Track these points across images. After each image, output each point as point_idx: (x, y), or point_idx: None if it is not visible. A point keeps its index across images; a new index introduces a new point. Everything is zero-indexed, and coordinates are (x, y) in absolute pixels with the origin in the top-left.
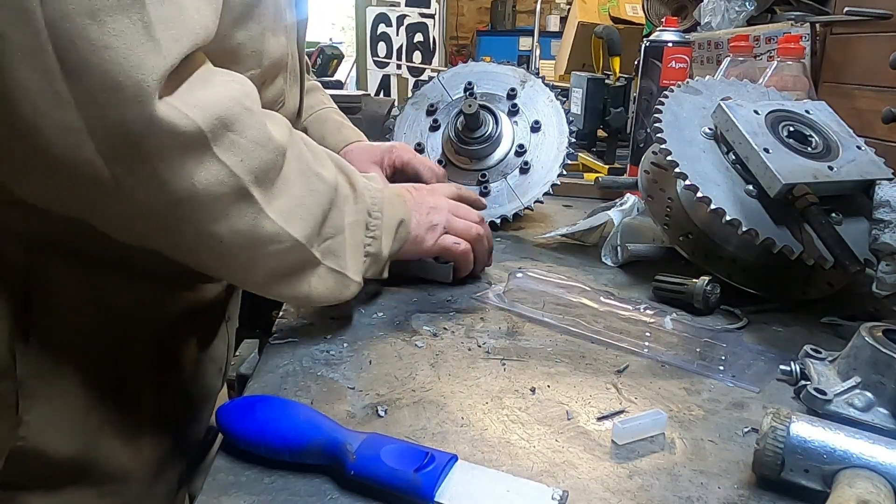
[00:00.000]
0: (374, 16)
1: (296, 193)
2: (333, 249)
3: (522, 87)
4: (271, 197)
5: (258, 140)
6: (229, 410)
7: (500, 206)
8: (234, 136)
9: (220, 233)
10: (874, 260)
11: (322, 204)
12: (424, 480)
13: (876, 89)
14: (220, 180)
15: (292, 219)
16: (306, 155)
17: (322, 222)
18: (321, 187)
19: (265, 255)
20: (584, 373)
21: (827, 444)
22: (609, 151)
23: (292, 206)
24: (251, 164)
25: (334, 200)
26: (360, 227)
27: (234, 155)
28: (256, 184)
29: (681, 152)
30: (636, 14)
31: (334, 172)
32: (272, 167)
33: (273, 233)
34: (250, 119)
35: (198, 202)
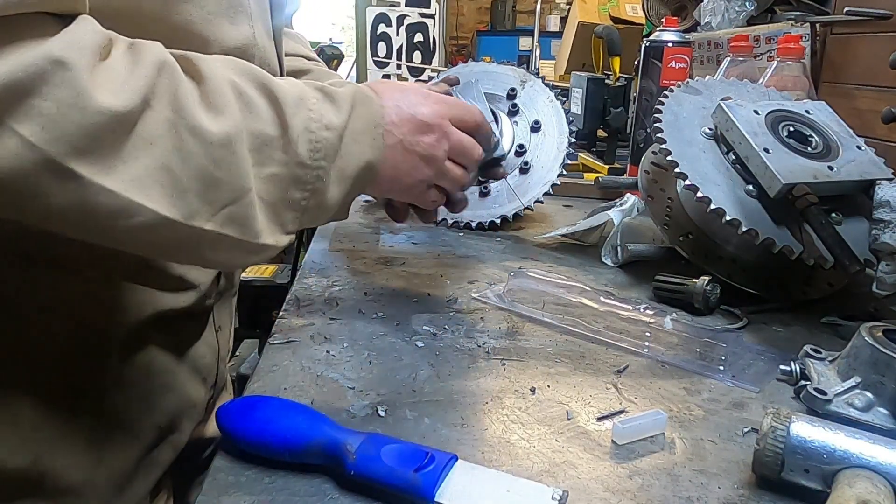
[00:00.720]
0: (374, 16)
1: (158, 153)
2: (236, 216)
3: (522, 87)
4: (112, 163)
5: (72, 102)
6: (229, 410)
7: (500, 206)
8: (34, 101)
9: (39, 213)
10: (874, 260)
11: (200, 167)
12: (424, 480)
13: (876, 89)
14: (16, 155)
15: (150, 187)
16: (185, 100)
17: (206, 189)
18: (198, 147)
19: (120, 232)
20: (584, 373)
21: (827, 444)
22: (609, 151)
23: (150, 171)
24: (60, 132)
25: (226, 160)
26: (287, 181)
27: (33, 124)
28: (75, 154)
29: (681, 152)
30: (636, 14)
31: (236, 119)
32: (103, 131)
33: (117, 207)
34: (60, 76)
35: None
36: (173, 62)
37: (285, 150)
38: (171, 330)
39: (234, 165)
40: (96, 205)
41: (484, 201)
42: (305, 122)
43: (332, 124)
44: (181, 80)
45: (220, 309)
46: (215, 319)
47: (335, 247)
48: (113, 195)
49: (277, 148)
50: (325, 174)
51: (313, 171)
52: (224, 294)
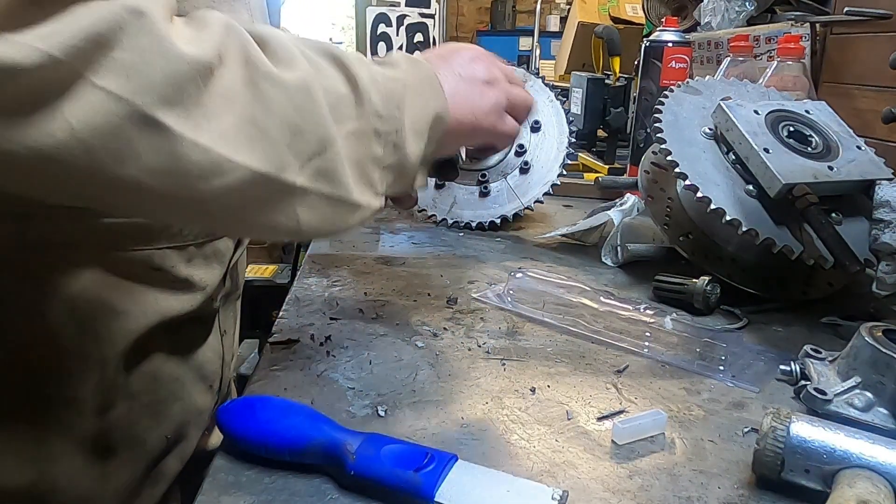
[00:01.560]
0: (374, 16)
1: (239, 109)
2: (325, 170)
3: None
4: (199, 118)
5: (154, 49)
6: (229, 410)
7: (500, 206)
8: (115, 53)
9: (132, 176)
10: (874, 260)
11: (284, 114)
12: (424, 480)
13: (876, 89)
14: (105, 111)
15: (238, 142)
16: (256, 56)
17: (292, 138)
18: (278, 94)
19: (211, 194)
20: (584, 373)
21: (827, 444)
22: (609, 151)
23: (235, 126)
24: (145, 80)
25: (306, 107)
26: (368, 136)
27: (117, 75)
28: (163, 104)
29: (681, 152)
30: (636, 14)
31: (307, 70)
32: (186, 80)
33: (210, 164)
34: (138, 25)
35: (84, 144)
36: (237, 24)
37: (359, 103)
38: (177, 335)
39: (315, 114)
40: (188, 162)
41: (484, 201)
42: (371, 75)
43: (395, 76)
44: (248, 39)
45: (226, 312)
46: (221, 323)
47: (335, 247)
48: (204, 151)
49: (351, 104)
50: (401, 126)
51: (389, 123)
52: (229, 297)
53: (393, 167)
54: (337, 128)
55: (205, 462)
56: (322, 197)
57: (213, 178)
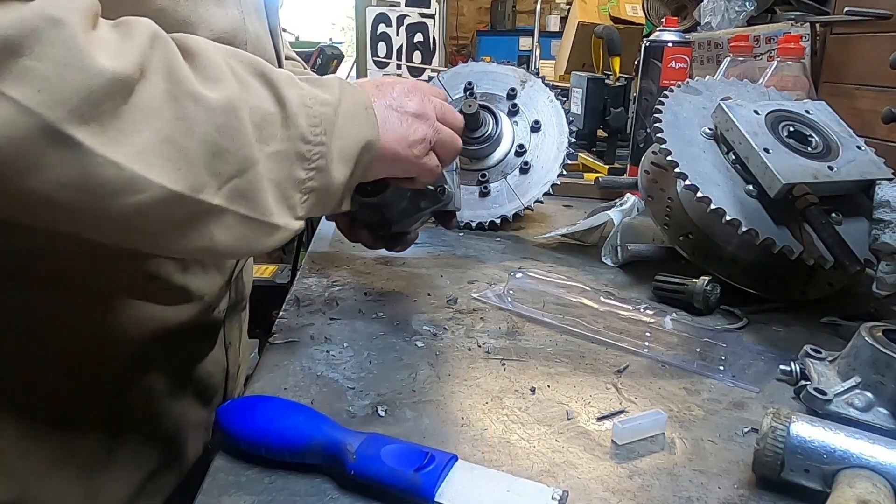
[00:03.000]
0: (374, 16)
1: (159, 125)
2: (243, 190)
3: (522, 87)
4: (114, 134)
5: (69, 62)
6: (229, 410)
7: (500, 206)
8: (26, 61)
9: (40, 189)
10: (874, 260)
11: (204, 134)
12: (424, 480)
13: (876, 89)
14: (11, 121)
15: (155, 160)
16: (180, 70)
17: (211, 158)
18: (200, 113)
19: (124, 211)
20: (584, 373)
21: (827, 444)
22: (609, 151)
23: (153, 143)
24: (57, 94)
25: (229, 126)
26: (291, 158)
27: (27, 86)
28: (75, 119)
29: (681, 152)
30: (636, 14)
31: (233, 89)
32: (102, 95)
33: (123, 181)
34: (55, 34)
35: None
36: (165, 35)
37: (285, 125)
38: (174, 349)
39: (239, 134)
40: (100, 179)
41: (484, 201)
42: (300, 97)
43: (327, 101)
44: (174, 52)
45: (231, 324)
46: (226, 335)
47: (335, 247)
48: (117, 168)
49: (277, 124)
50: (328, 151)
51: (315, 147)
52: (235, 308)
53: (316, 190)
54: (260, 147)
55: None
56: (239, 217)
57: (125, 196)
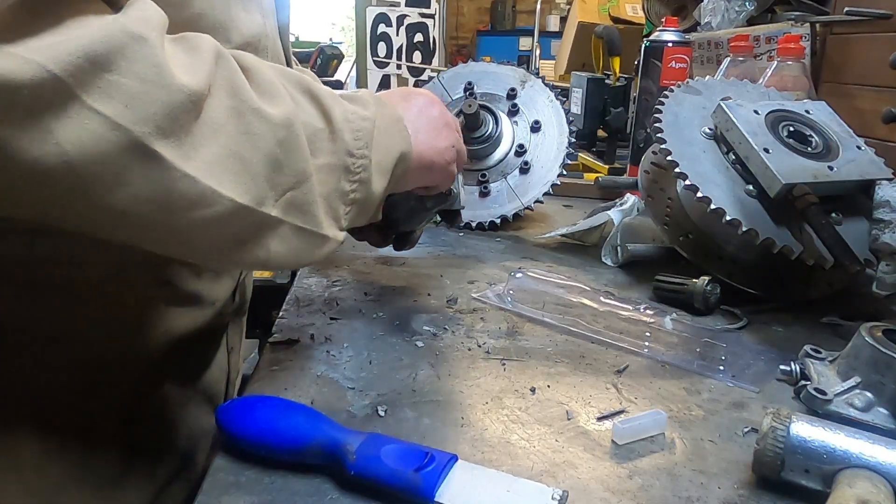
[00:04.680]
0: (374, 16)
1: (224, 141)
2: (298, 203)
3: (522, 87)
4: (188, 149)
5: (152, 78)
6: (229, 410)
7: (500, 206)
8: (113, 76)
9: (118, 204)
10: (874, 260)
11: (267, 149)
12: (424, 480)
13: (876, 89)
14: (99, 136)
15: (223, 174)
16: (243, 88)
17: (272, 172)
18: (263, 128)
19: (194, 225)
20: (584, 373)
21: (827, 444)
22: (609, 151)
23: (220, 158)
24: (144, 110)
25: (288, 141)
26: (338, 171)
27: (115, 101)
28: (160, 135)
29: (681, 152)
30: (636, 14)
31: (290, 106)
32: (181, 111)
33: (196, 195)
34: (139, 51)
35: (73, 170)
36: (226, 52)
37: (332, 139)
38: (185, 356)
39: (297, 148)
40: (177, 193)
41: (484, 201)
42: (344, 113)
43: (366, 116)
44: (236, 69)
45: (234, 329)
46: (228, 340)
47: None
48: (193, 182)
49: (325, 139)
50: (369, 164)
51: (359, 161)
52: (237, 312)
53: (358, 202)
54: (312, 161)
55: None
56: (294, 229)
57: (198, 209)
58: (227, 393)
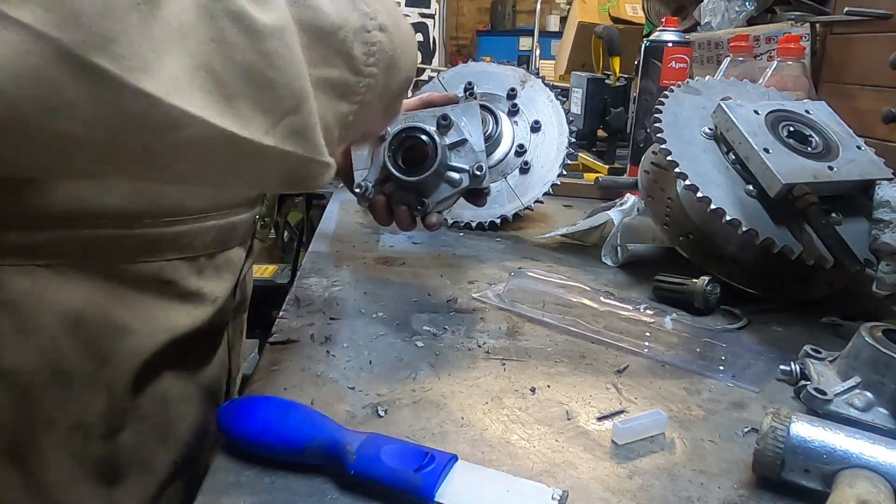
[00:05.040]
0: None
1: (192, 50)
2: (299, 128)
3: (522, 87)
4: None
5: None
6: (229, 410)
7: (500, 206)
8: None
9: (67, 130)
10: (874, 260)
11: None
12: (424, 480)
13: (876, 89)
14: (19, 49)
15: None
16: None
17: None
18: (239, 38)
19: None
20: (584, 373)
21: (827, 444)
22: (609, 151)
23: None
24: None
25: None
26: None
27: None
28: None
29: (681, 152)
30: (636, 14)
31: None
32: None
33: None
34: None
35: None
36: None
37: (338, 49)
38: (186, 353)
39: (291, 63)
40: (136, 115)
41: None
42: (361, 18)
43: (385, 25)
44: None
45: (234, 327)
46: (229, 338)
47: (335, 247)
48: (153, 101)
49: (330, 46)
50: (376, 84)
51: (365, 80)
52: (238, 310)
53: (353, 126)
54: (310, 73)
55: None
56: (295, 157)
57: (166, 133)
58: (227, 390)
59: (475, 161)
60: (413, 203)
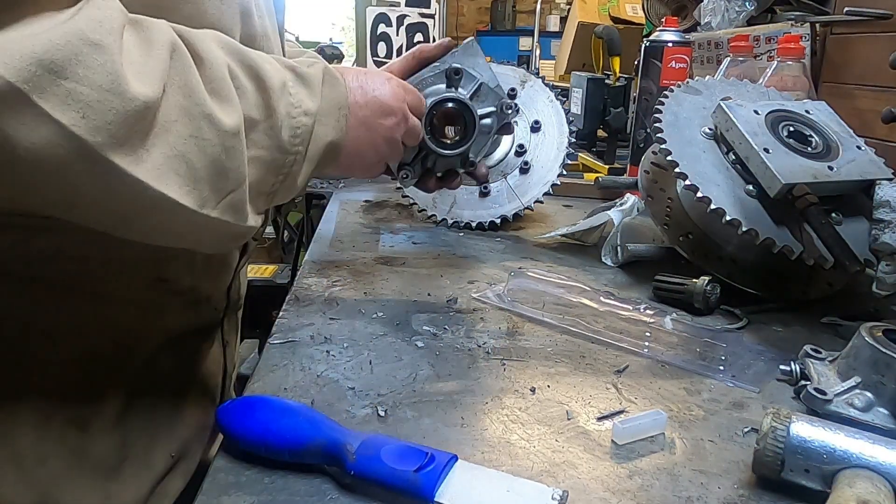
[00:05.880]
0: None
1: (174, 140)
2: (235, 204)
3: (522, 87)
4: (140, 153)
5: (109, 87)
6: (229, 410)
7: (500, 206)
8: (70, 84)
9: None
10: (874, 260)
11: (213, 155)
12: (424, 480)
13: (876, 89)
14: (51, 142)
15: (167, 177)
16: (196, 88)
17: (216, 176)
18: (211, 135)
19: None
20: (584, 373)
21: (827, 444)
22: (609, 151)
23: (167, 160)
24: (100, 119)
25: (234, 150)
26: (266, 166)
27: (71, 110)
28: (113, 143)
29: (681, 152)
30: (636, 14)
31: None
32: (136, 119)
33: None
34: (96, 59)
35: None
36: (182, 45)
37: (269, 134)
38: (181, 350)
39: (240, 154)
40: (124, 195)
41: (484, 201)
42: (287, 107)
43: (310, 110)
44: (190, 65)
45: (229, 324)
46: (224, 335)
47: (335, 247)
48: (141, 185)
49: (262, 132)
50: (301, 158)
51: (291, 157)
52: (232, 308)
53: (278, 192)
54: (247, 153)
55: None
56: (227, 225)
57: (144, 209)
58: (224, 387)
59: (496, 98)
60: (457, 164)
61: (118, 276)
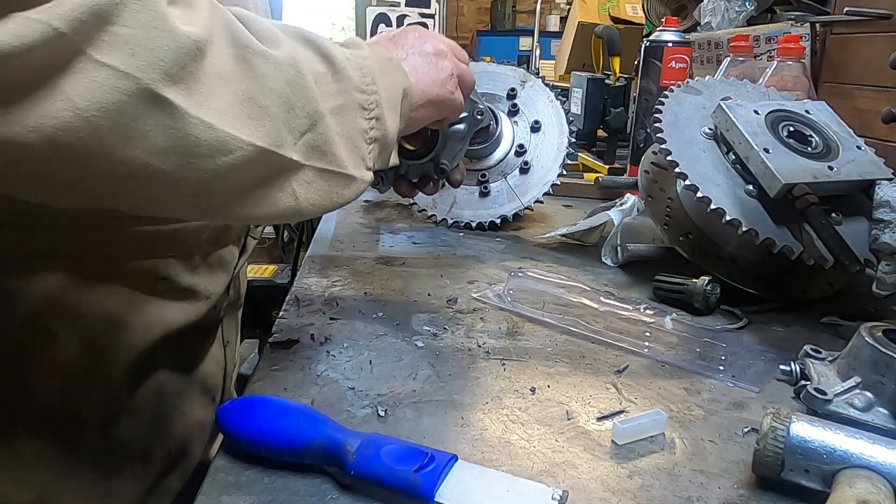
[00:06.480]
0: (374, 16)
1: (235, 87)
2: (317, 144)
3: (522, 87)
4: (199, 97)
5: (155, 24)
6: (229, 410)
7: (500, 206)
8: (117, 28)
9: (138, 157)
10: (874, 260)
11: (278, 89)
12: (424, 480)
13: (876, 89)
14: (108, 87)
15: (239, 119)
16: (243, 34)
17: (286, 113)
18: (270, 69)
19: (215, 173)
20: (584, 373)
21: (827, 444)
22: (609, 151)
23: (233, 104)
24: (150, 56)
25: (297, 81)
26: (353, 110)
27: (120, 51)
28: (168, 80)
29: (681, 152)
30: (636, 14)
31: (291, 48)
32: (187, 57)
33: (216, 141)
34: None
35: (89, 124)
36: (220, 4)
37: (338, 79)
38: (180, 348)
39: (305, 89)
40: (195, 140)
41: (484, 201)
42: (344, 53)
43: (364, 55)
44: (232, 19)
45: (229, 323)
46: (224, 334)
47: (335, 247)
48: (209, 128)
49: (331, 81)
50: (380, 100)
51: (370, 96)
52: (232, 306)
53: (378, 140)
54: (323, 104)
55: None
56: (317, 171)
57: (218, 156)
58: (224, 386)
59: (471, 105)
60: (431, 171)
61: (116, 275)
